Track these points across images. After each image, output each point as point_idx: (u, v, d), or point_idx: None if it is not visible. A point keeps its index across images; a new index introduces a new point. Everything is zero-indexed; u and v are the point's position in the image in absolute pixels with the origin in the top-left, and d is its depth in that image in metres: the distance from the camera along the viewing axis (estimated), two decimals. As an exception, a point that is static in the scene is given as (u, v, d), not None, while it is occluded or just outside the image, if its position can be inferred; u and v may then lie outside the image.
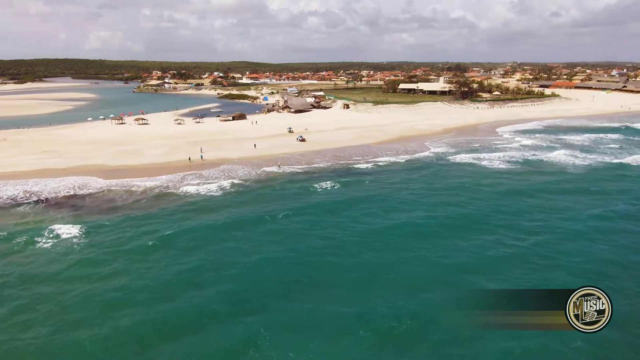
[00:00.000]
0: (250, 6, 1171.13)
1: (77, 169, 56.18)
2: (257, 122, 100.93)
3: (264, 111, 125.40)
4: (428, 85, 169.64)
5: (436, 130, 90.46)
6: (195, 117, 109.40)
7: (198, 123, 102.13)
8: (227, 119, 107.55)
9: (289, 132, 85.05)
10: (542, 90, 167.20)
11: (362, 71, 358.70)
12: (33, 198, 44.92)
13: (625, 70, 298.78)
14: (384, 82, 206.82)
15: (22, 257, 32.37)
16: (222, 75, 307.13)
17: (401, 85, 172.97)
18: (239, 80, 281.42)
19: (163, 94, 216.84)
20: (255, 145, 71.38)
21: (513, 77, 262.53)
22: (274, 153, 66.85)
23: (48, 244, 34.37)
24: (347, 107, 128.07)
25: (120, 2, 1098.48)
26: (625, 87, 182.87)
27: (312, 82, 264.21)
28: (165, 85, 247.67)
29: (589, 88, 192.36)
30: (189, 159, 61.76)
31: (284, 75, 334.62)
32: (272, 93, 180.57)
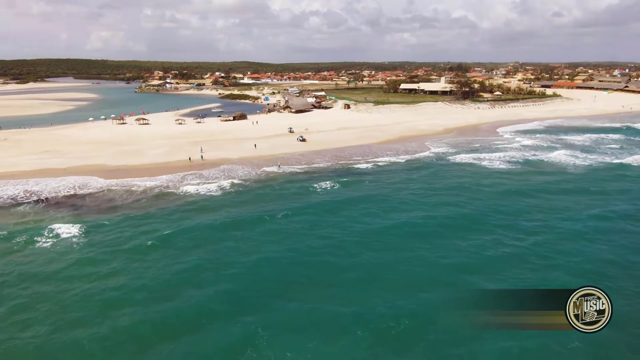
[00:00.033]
0: (252, 6, 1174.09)
1: (78, 169, 56.28)
2: (257, 122, 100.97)
3: (264, 111, 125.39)
4: (429, 86, 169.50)
5: (437, 131, 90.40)
6: (196, 117, 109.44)
7: (199, 123, 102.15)
8: (227, 119, 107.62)
9: (289, 132, 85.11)
10: (543, 90, 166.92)
11: (363, 71, 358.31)
12: (33, 198, 45.03)
13: (627, 70, 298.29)
14: (385, 82, 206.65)
15: (22, 257, 32.47)
16: (223, 75, 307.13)
17: (402, 86, 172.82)
18: (241, 81, 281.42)
19: (164, 94, 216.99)
20: (256, 145, 71.43)
21: (515, 77, 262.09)
22: (274, 153, 66.89)
23: (48, 243, 34.47)
24: (348, 107, 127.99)
25: (122, 2, 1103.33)
26: (627, 87, 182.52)
27: (314, 82, 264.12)
28: (167, 85, 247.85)
29: (591, 88, 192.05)
30: (189, 159, 61.86)
31: (286, 76, 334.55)
32: (273, 93, 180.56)
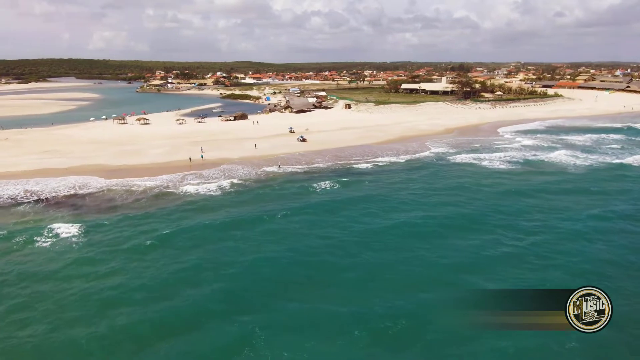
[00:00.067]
0: (254, 6, 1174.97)
1: (78, 169, 56.39)
2: (258, 122, 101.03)
3: (265, 111, 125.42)
4: (430, 85, 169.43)
5: (437, 131, 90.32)
6: (197, 117, 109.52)
7: (200, 123, 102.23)
8: (228, 119, 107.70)
9: (290, 132, 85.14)
10: (545, 90, 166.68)
11: (365, 71, 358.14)
12: (33, 197, 45.12)
13: (630, 70, 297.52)
14: (386, 82, 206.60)
15: (21, 256, 32.56)
16: (225, 75, 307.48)
17: (403, 85, 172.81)
18: (242, 80, 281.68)
19: (166, 94, 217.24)
20: (256, 145, 71.47)
21: (516, 77, 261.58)
22: (274, 153, 66.91)
23: (47, 242, 34.56)
24: (349, 107, 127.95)
25: (124, 2, 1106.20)
26: (629, 87, 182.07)
27: (315, 82, 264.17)
28: (168, 85, 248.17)
29: (592, 88, 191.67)
30: (190, 158, 61.92)
31: (287, 76, 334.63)
32: (274, 93, 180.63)
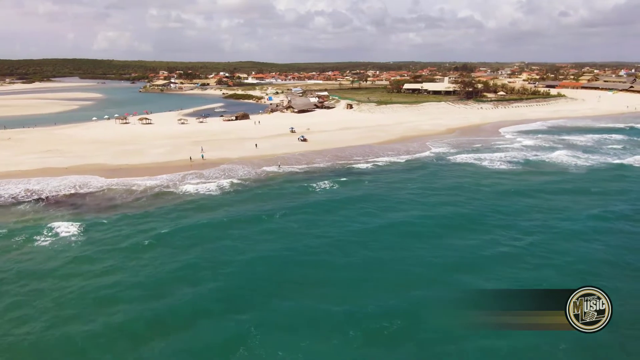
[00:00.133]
0: (257, 6, 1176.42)
1: (79, 168, 56.66)
2: (259, 122, 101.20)
3: (267, 111, 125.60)
4: (433, 85, 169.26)
5: (439, 131, 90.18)
6: (198, 117, 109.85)
7: (201, 123, 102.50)
8: (230, 119, 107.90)
9: (290, 132, 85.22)
10: (547, 90, 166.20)
11: (368, 71, 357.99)
12: (34, 196, 45.36)
13: (634, 70, 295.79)
14: (389, 82, 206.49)
15: (21, 254, 32.80)
16: (227, 75, 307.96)
17: (406, 85, 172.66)
18: (245, 80, 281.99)
19: (169, 93, 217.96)
20: (257, 145, 71.61)
21: (520, 77, 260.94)
22: (275, 153, 66.98)
23: (46, 241, 34.78)
24: (351, 107, 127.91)
25: (128, 2, 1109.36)
26: (633, 87, 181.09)
27: (318, 82, 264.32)
28: (171, 85, 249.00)
29: (596, 88, 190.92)
30: (190, 158, 62.10)
31: (290, 75, 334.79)
32: (276, 93, 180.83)
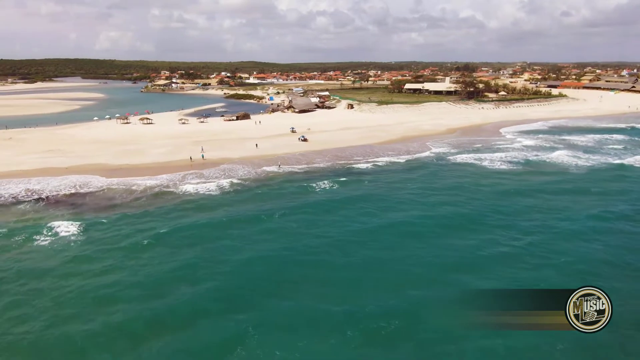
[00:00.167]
0: (259, 6, 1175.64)
1: (80, 168, 56.79)
2: (260, 122, 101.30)
3: (268, 111, 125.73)
4: (434, 85, 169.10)
5: (440, 131, 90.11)
6: (199, 117, 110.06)
7: (202, 123, 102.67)
8: (231, 119, 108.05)
9: (291, 132, 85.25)
10: (549, 90, 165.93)
11: (369, 71, 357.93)
12: (34, 196, 45.47)
13: (636, 70, 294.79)
14: (390, 82, 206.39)
15: (20, 254, 32.91)
16: (229, 75, 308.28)
17: (407, 85, 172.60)
18: (246, 80, 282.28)
19: (170, 93, 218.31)
20: (257, 145, 71.68)
21: (521, 77, 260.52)
22: (275, 153, 67.02)
23: (46, 241, 34.90)
24: (351, 107, 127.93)
25: (130, 2, 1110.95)
26: (634, 87, 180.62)
27: (319, 82, 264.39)
28: (173, 85, 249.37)
29: (598, 88, 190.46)
30: (190, 158, 62.17)
31: (291, 75, 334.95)
32: (278, 93, 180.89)
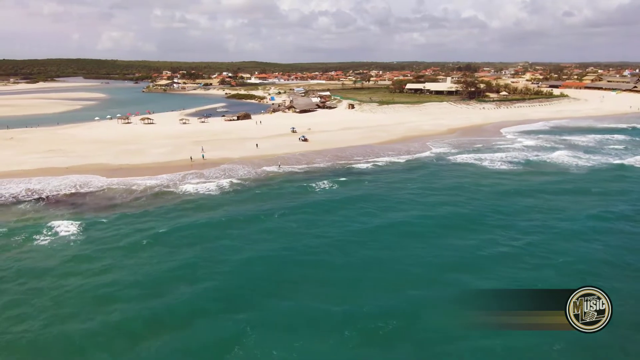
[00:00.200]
0: (260, 6, 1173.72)
1: (80, 168, 56.93)
2: (261, 122, 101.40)
3: (269, 111, 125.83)
4: (435, 85, 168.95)
5: (440, 131, 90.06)
6: (200, 117, 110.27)
7: (203, 123, 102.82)
8: (231, 119, 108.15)
9: (292, 132, 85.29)
10: (550, 90, 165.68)
11: (371, 71, 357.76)
12: (34, 196, 45.60)
13: (638, 70, 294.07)
14: (391, 82, 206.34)
15: (20, 253, 33.02)
16: (230, 75, 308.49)
17: (408, 85, 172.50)
18: (248, 80, 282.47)
19: (172, 93, 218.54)
20: (258, 144, 71.76)
21: (523, 77, 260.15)
22: (275, 153, 67.07)
23: (46, 240, 35.01)
24: (352, 107, 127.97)
25: (132, 2, 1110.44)
26: (636, 87, 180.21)
27: (320, 82, 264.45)
28: (174, 85, 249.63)
29: (599, 88, 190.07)
30: (191, 158, 62.27)
31: (293, 75, 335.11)
32: (279, 93, 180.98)
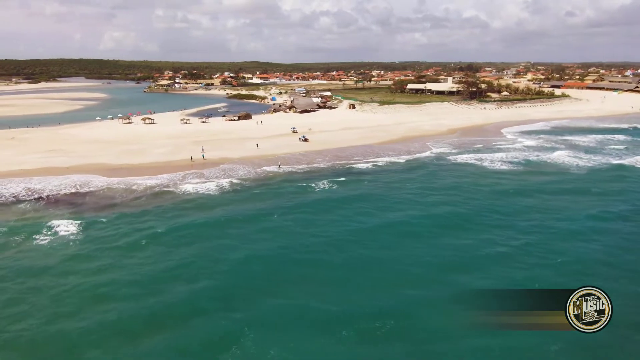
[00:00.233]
0: (262, 6, 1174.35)
1: (81, 168, 57.09)
2: (262, 122, 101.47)
3: (270, 111, 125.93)
4: (436, 86, 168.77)
5: (441, 131, 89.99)
6: (201, 117, 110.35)
7: (204, 123, 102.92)
8: (232, 119, 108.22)
9: (292, 132, 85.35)
10: (552, 90, 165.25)
11: (372, 71, 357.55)
12: (34, 195, 45.76)
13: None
14: (392, 82, 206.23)
15: (19, 252, 33.20)
16: (232, 75, 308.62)
17: (409, 86, 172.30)
18: (249, 81, 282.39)
19: (173, 93, 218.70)
20: (258, 144, 71.84)
21: (525, 77, 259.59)
22: (275, 153, 67.14)
23: (45, 239, 35.17)
24: (353, 108, 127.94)
25: (134, 3, 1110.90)
26: (638, 87, 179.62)
27: (322, 82, 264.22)
28: (176, 85, 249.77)
29: (601, 89, 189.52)
30: (191, 158, 62.38)
31: (294, 76, 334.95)
32: (280, 93, 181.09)
